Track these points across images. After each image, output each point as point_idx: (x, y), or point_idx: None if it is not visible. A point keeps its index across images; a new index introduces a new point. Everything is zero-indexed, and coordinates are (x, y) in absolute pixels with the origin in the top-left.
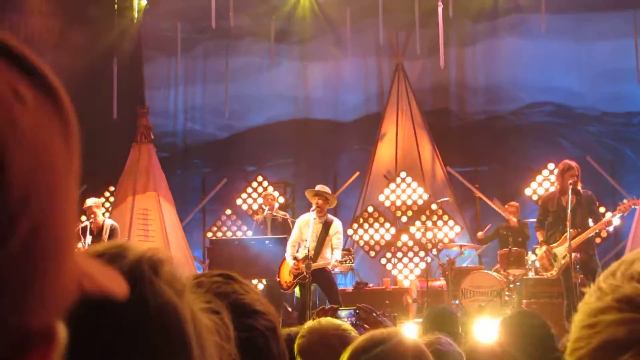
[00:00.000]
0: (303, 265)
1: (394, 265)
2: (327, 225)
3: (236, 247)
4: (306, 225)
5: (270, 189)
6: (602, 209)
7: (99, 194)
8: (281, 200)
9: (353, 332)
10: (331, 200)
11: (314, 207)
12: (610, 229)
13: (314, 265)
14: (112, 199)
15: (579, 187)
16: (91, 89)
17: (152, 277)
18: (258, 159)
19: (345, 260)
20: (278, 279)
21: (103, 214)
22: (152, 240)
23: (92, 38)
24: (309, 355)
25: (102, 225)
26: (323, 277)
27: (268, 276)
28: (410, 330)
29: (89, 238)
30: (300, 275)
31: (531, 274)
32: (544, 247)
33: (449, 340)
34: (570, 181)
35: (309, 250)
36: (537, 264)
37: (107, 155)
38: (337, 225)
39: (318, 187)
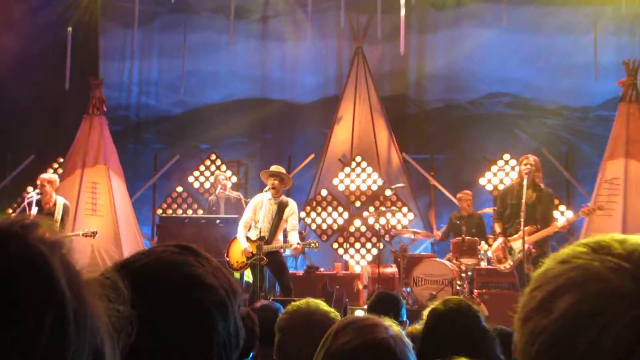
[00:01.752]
0: (255, 246)
1: (346, 250)
2: (282, 207)
3: (186, 225)
4: (260, 206)
5: (224, 167)
6: (562, 207)
7: (47, 165)
8: (234, 180)
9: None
10: (287, 181)
11: (268, 187)
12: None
13: (268, 248)
14: (60, 170)
15: (540, 184)
16: (44, 59)
17: (19, 232)
18: (212, 137)
19: (310, 243)
20: (227, 259)
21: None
22: (100, 215)
23: (47, 7)
24: (289, 333)
25: (55, 203)
26: (275, 261)
27: (217, 256)
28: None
29: (34, 210)
30: (253, 257)
31: (483, 264)
32: (501, 239)
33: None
34: (525, 171)
35: (260, 231)
36: (491, 254)
37: (58, 127)
38: (292, 206)
39: (273, 168)
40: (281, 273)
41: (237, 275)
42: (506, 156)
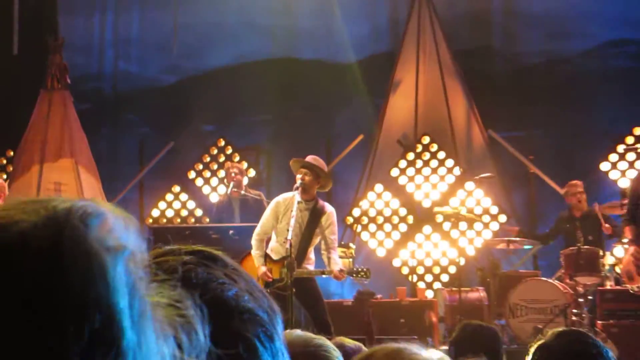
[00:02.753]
0: (284, 269)
1: (413, 270)
2: (316, 214)
3: (187, 238)
4: (286, 210)
5: (237, 157)
6: None
7: None
8: (252, 173)
9: (334, 353)
10: (323, 179)
11: (298, 183)
12: None
13: (297, 273)
14: (10, 168)
15: None
16: None
17: (78, 227)
18: (219, 114)
19: (359, 272)
20: None
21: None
22: None
23: None
24: None
25: None
26: (306, 288)
27: None
28: None
29: None
30: (274, 284)
31: (609, 285)
32: (632, 249)
33: None
34: None
35: (291, 247)
36: (620, 270)
37: (5, 107)
38: (330, 214)
39: (310, 158)
40: (315, 304)
41: None
42: (639, 130)
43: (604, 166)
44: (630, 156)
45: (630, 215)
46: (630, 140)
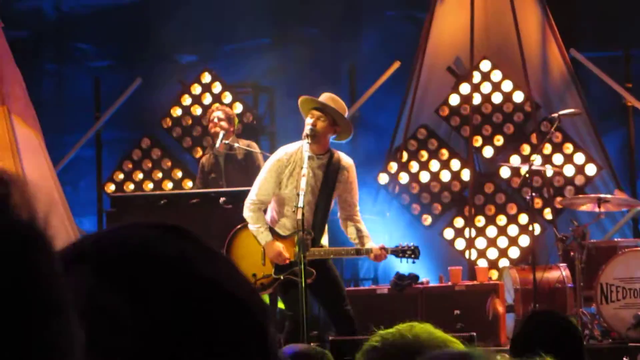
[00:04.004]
0: (295, 248)
1: (471, 242)
2: (333, 171)
3: (162, 209)
4: (292, 170)
5: (228, 96)
6: None
7: None
8: (248, 118)
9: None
10: (342, 127)
11: (307, 130)
12: None
13: (317, 253)
14: None
15: None
16: None
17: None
18: (202, 40)
19: (406, 250)
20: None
21: None
22: None
23: None
24: None
25: None
26: (323, 272)
27: None
28: None
29: None
30: (289, 268)
31: None
32: None
33: None
34: None
35: (303, 217)
36: None
37: None
38: (352, 169)
39: (326, 97)
40: (333, 292)
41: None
42: None
43: None
44: None
45: None
46: None
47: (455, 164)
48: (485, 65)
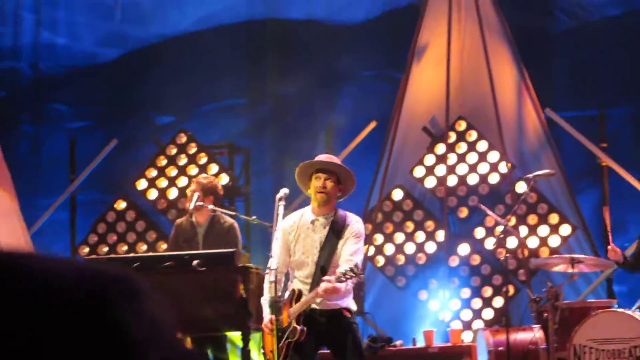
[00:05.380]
0: (291, 309)
1: (444, 305)
2: (339, 228)
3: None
4: (298, 235)
5: (203, 158)
6: None
7: None
8: (224, 180)
9: None
10: (347, 180)
11: (317, 194)
12: None
13: (320, 304)
14: None
15: None
16: None
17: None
18: (178, 101)
19: (346, 273)
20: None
21: None
22: None
23: None
24: None
25: None
26: (339, 330)
27: (205, 330)
28: None
29: None
30: (290, 332)
31: None
32: None
33: None
34: None
35: (276, 284)
36: None
37: None
38: (356, 225)
39: (323, 157)
40: (346, 350)
41: None
42: None
43: None
44: None
45: None
46: None
47: (429, 225)
48: (461, 125)
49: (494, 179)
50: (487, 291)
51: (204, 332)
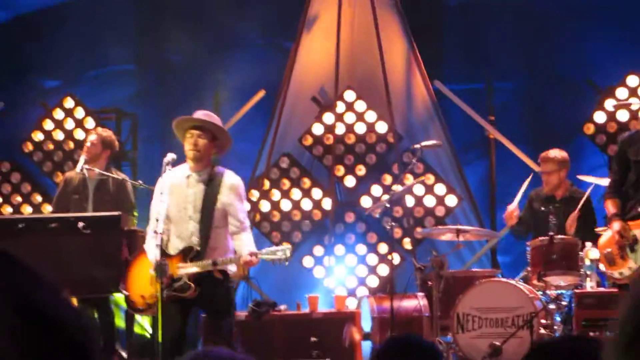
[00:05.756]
0: (185, 264)
1: (329, 271)
2: (215, 184)
3: (19, 235)
4: (175, 188)
5: (90, 122)
6: None
7: None
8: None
9: None
10: (222, 138)
11: (189, 151)
12: None
13: (194, 267)
14: None
15: None
16: None
17: None
18: (65, 65)
19: (275, 252)
20: (127, 293)
21: None
22: None
23: None
24: None
25: None
26: (213, 291)
27: (91, 292)
28: None
29: None
30: (174, 283)
31: (590, 286)
32: (617, 224)
33: None
34: None
35: (162, 241)
36: (599, 253)
37: None
38: (234, 181)
39: (201, 114)
40: (220, 316)
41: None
42: (632, 79)
43: (588, 129)
44: (622, 115)
45: (614, 184)
46: (622, 93)
47: (316, 193)
48: (350, 95)
49: (381, 148)
50: (373, 259)
51: (90, 293)
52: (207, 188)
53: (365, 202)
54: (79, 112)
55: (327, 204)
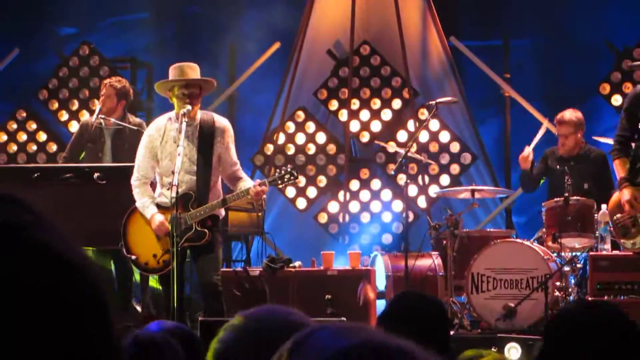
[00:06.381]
0: (193, 211)
1: (344, 228)
2: (208, 133)
3: (36, 187)
4: (163, 139)
5: (105, 69)
6: None
7: None
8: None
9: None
10: (206, 84)
11: (184, 110)
12: None
13: (198, 213)
14: None
15: None
16: None
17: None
18: (81, 11)
19: (283, 176)
20: (130, 255)
21: None
22: None
23: None
24: None
25: None
26: (203, 239)
27: (106, 244)
28: None
29: None
30: (186, 234)
31: (605, 248)
32: (627, 193)
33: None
34: None
35: (177, 193)
36: (612, 223)
37: None
38: (225, 124)
39: (181, 70)
40: (206, 261)
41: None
42: None
43: (604, 89)
44: (638, 75)
45: (621, 145)
46: (639, 54)
47: (331, 148)
48: (365, 49)
49: (396, 104)
50: (387, 216)
51: (105, 244)
52: (201, 135)
53: (380, 158)
54: (95, 61)
55: (341, 159)
